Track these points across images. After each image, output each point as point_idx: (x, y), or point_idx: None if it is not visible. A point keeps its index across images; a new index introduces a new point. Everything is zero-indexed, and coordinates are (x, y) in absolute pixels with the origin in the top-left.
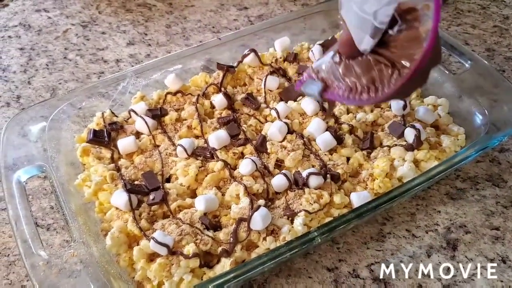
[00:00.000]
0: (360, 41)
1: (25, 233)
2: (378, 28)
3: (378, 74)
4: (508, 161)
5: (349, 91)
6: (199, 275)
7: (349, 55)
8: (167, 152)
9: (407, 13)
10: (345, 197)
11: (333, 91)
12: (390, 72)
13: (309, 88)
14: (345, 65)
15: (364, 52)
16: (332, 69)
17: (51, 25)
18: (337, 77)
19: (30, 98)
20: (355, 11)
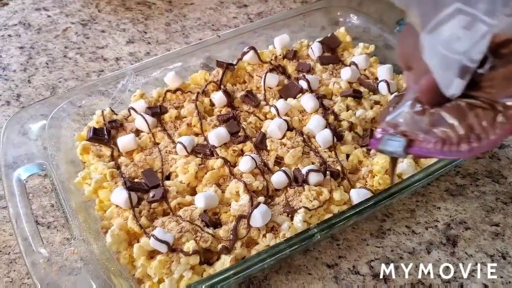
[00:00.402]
0: (448, 85)
1: (26, 231)
2: (468, 68)
3: (476, 120)
4: (508, 157)
5: (442, 143)
6: (199, 272)
7: (433, 103)
8: (167, 150)
9: (503, 47)
10: (344, 194)
11: (420, 145)
12: (492, 116)
13: (389, 146)
14: (430, 115)
15: (452, 97)
16: (414, 120)
17: (50, 23)
18: (423, 129)
19: (30, 96)
20: (441, 53)
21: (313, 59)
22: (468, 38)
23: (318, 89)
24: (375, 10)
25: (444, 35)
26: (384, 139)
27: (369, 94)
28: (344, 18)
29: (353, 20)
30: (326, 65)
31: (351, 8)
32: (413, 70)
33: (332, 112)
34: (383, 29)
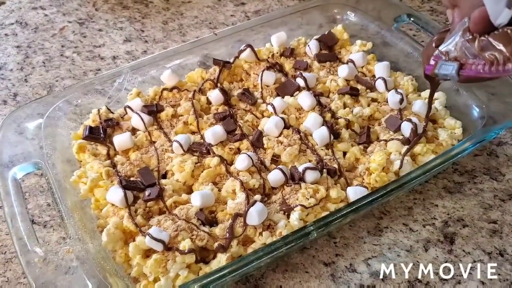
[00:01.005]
0: (497, 15)
1: (21, 230)
2: None
3: None
4: (506, 154)
5: (491, 64)
6: (195, 270)
7: (483, 31)
8: (163, 148)
9: None
10: (341, 192)
11: (471, 67)
12: None
13: (444, 69)
14: (480, 41)
15: (500, 26)
16: (465, 47)
17: (47, 22)
18: (473, 54)
19: (27, 95)
20: None
21: (310, 57)
22: None
23: (315, 86)
24: (373, 8)
25: None
26: (439, 64)
27: (366, 92)
28: (341, 15)
29: (351, 17)
30: (323, 62)
31: (348, 5)
32: (459, 7)
33: (329, 110)
34: (381, 27)
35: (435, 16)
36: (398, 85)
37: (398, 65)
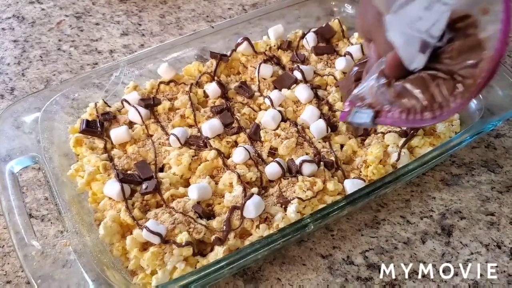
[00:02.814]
0: (411, 60)
1: (18, 224)
2: (429, 44)
3: (437, 89)
4: (504, 146)
5: (407, 113)
6: (193, 263)
7: (398, 76)
8: (160, 142)
9: (459, 21)
10: (338, 184)
11: (387, 115)
12: (451, 85)
13: (358, 117)
14: (395, 87)
15: (415, 70)
16: (380, 92)
17: (44, 16)
18: (389, 100)
19: (24, 90)
20: (404, 32)
21: (308, 50)
22: (429, 17)
23: (313, 79)
24: None
25: (407, 16)
26: (353, 111)
27: None
28: (339, 8)
29: (348, 10)
30: (320, 55)
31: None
32: (375, 43)
33: (327, 103)
34: None
35: None
36: None
37: None
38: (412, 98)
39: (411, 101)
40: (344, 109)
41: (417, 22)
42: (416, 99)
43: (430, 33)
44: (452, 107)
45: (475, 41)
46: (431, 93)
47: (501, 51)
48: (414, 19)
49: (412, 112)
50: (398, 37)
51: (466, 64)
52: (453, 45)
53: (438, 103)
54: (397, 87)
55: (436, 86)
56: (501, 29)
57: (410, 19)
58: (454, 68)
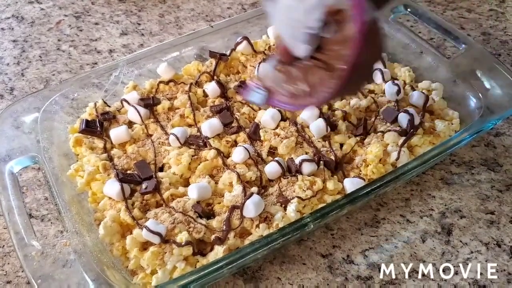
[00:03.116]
0: (296, 49)
1: (18, 224)
2: (311, 34)
3: (318, 78)
4: (504, 145)
5: (292, 97)
6: (193, 263)
7: (290, 62)
8: (160, 141)
9: (337, 14)
10: (338, 183)
11: (277, 98)
12: (328, 75)
13: (253, 97)
14: (286, 72)
15: (303, 58)
16: (275, 76)
17: (44, 16)
18: (280, 84)
19: (23, 90)
20: (283, 20)
21: None
22: (300, 8)
23: None
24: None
25: (282, 4)
26: (251, 90)
27: None
28: None
29: None
30: None
31: None
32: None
33: None
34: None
35: (432, 7)
36: (395, 76)
37: (395, 56)
38: (297, 83)
39: (296, 87)
40: (246, 87)
41: (290, 11)
42: (300, 85)
43: (307, 24)
44: (326, 96)
45: (346, 34)
46: (312, 80)
47: (359, 45)
48: (288, 8)
49: (295, 97)
50: (280, 25)
51: (339, 55)
52: (333, 37)
53: (316, 90)
54: (286, 72)
55: (317, 74)
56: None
57: (284, 8)
58: (330, 59)
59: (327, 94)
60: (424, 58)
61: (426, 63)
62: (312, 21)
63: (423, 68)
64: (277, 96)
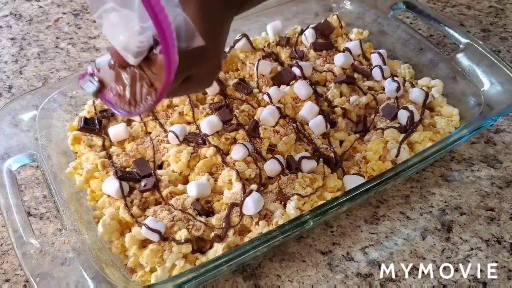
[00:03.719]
0: (126, 58)
1: (16, 222)
2: (137, 52)
3: (140, 90)
4: (503, 141)
5: (118, 97)
6: (192, 260)
7: (120, 64)
8: (159, 139)
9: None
10: (338, 180)
11: (106, 93)
12: (147, 91)
13: (86, 85)
14: (116, 72)
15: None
16: (108, 72)
17: (42, 14)
18: (110, 81)
19: (22, 88)
20: (111, 34)
21: (307, 46)
22: (125, 31)
23: (312, 75)
24: None
25: (109, 21)
26: (86, 78)
27: (362, 80)
28: (337, 4)
29: (347, 5)
30: (319, 51)
31: None
32: None
33: (326, 99)
34: (377, 15)
35: (432, 3)
36: (394, 72)
37: (395, 53)
38: (123, 87)
39: (122, 90)
40: (88, 72)
41: (116, 30)
42: (125, 90)
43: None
44: (141, 110)
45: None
46: (135, 91)
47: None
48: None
49: (120, 99)
50: (109, 35)
51: (159, 77)
52: (155, 57)
53: (135, 101)
54: (117, 72)
55: (141, 87)
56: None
57: (112, 26)
58: (153, 78)
59: (141, 110)
60: (424, 55)
61: (426, 60)
62: (136, 43)
63: (422, 65)
64: (106, 92)
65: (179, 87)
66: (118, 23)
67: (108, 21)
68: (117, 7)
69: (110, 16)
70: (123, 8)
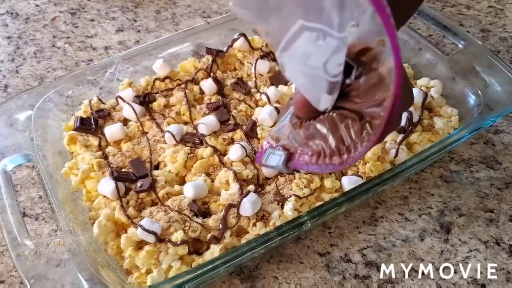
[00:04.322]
0: (317, 101)
1: (11, 223)
2: (333, 82)
3: (346, 131)
4: (503, 142)
5: (317, 156)
6: (188, 262)
7: (309, 116)
8: (155, 139)
9: (362, 55)
10: (336, 181)
11: (299, 158)
12: (360, 126)
13: (271, 160)
14: (306, 128)
15: (326, 110)
16: (293, 133)
17: (39, 13)
18: (300, 142)
19: (18, 87)
20: (301, 70)
21: None
22: (320, 53)
23: None
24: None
25: (297, 52)
26: (267, 153)
27: None
28: None
29: None
30: None
31: None
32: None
33: None
34: None
35: (431, 3)
36: None
37: None
38: (321, 140)
39: (321, 144)
40: (264, 148)
41: (309, 59)
42: (325, 142)
43: (329, 71)
44: (359, 152)
45: (378, 76)
46: (340, 135)
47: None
48: (305, 56)
49: (322, 155)
50: (296, 76)
51: (372, 102)
52: (359, 81)
53: (346, 146)
54: (308, 128)
55: (345, 127)
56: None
57: (302, 56)
58: (361, 107)
59: (361, 150)
60: (422, 55)
61: (424, 60)
62: (334, 66)
63: (421, 65)
64: (298, 157)
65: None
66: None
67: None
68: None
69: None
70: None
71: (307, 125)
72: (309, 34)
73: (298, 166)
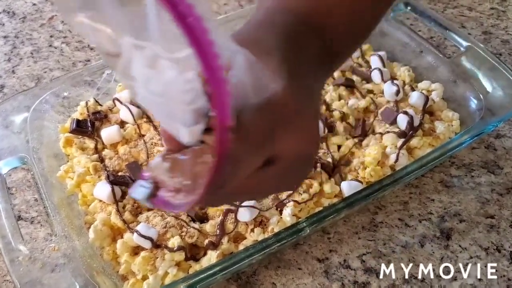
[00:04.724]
0: (179, 134)
1: (5, 228)
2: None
3: (202, 167)
4: (504, 147)
5: (176, 192)
6: (185, 268)
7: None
8: (153, 142)
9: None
10: (335, 186)
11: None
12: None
13: (137, 192)
14: (171, 161)
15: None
16: (161, 166)
17: (36, 12)
18: (165, 176)
19: (14, 87)
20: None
21: None
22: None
23: None
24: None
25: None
26: (136, 184)
27: (362, 83)
28: None
29: None
30: None
31: None
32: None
33: (324, 102)
34: None
35: (433, 5)
36: (394, 75)
37: (394, 55)
38: (181, 175)
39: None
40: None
41: (148, 84)
42: (184, 176)
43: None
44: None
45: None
46: (196, 171)
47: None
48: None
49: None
50: (148, 103)
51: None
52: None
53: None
54: (173, 161)
55: (203, 163)
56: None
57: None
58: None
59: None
60: (424, 58)
61: (426, 63)
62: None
63: (422, 68)
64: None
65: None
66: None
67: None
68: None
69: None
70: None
71: (172, 157)
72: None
73: (159, 203)
